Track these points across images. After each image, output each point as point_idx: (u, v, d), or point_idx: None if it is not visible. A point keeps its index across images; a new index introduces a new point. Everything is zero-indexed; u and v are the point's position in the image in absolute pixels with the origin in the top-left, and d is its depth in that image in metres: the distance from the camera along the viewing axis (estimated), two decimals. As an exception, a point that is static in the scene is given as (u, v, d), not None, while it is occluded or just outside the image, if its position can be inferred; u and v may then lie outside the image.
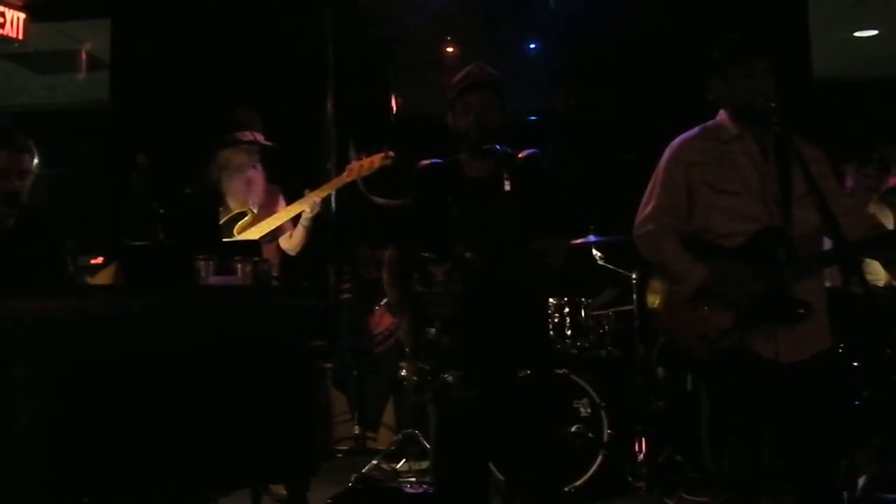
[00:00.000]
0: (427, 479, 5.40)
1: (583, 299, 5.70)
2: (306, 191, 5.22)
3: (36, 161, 4.19)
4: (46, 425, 2.94)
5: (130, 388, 3.07)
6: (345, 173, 5.23)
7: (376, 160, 5.14)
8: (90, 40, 8.30)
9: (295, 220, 5.29)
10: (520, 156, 3.43)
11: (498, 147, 3.38)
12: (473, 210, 3.33)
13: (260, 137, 5.32)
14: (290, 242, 5.34)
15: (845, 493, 3.47)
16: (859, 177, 5.41)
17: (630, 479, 5.22)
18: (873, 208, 5.12)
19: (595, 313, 5.76)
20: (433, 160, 3.57)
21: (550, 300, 5.46)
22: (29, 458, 2.92)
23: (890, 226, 4.89)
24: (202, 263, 3.40)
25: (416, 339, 3.33)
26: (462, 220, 3.33)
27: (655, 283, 3.55)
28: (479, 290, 3.20)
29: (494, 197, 3.26)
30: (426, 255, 3.30)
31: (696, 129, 3.53)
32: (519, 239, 3.28)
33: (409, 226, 3.53)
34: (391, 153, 5.13)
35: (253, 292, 3.48)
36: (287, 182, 5.48)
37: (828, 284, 3.45)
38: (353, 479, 5.19)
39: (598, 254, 5.68)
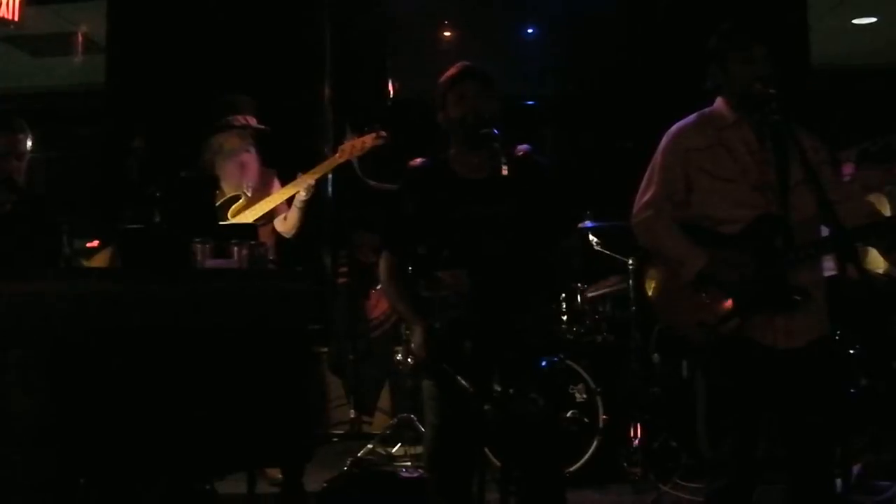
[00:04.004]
0: (422, 463, 5.41)
1: (579, 285, 5.70)
2: (299, 174, 5.22)
3: (31, 142, 4.19)
4: (41, 407, 2.94)
5: (126, 371, 3.07)
6: (337, 154, 5.23)
7: (368, 140, 5.13)
8: (86, 23, 8.26)
9: (290, 202, 5.29)
10: (517, 153, 3.40)
11: (496, 132, 3.35)
12: (473, 212, 3.32)
13: (252, 121, 5.32)
14: (286, 225, 5.34)
15: (840, 480, 3.48)
16: (860, 174, 5.34)
17: (625, 464, 5.24)
18: (871, 197, 5.11)
19: (591, 295, 5.76)
20: (422, 160, 3.55)
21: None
22: (24, 440, 2.92)
23: (887, 213, 4.89)
24: (198, 247, 3.40)
25: (433, 349, 3.31)
26: (462, 222, 3.32)
27: (653, 270, 3.55)
28: (488, 290, 3.21)
29: (492, 197, 3.24)
30: (425, 250, 3.30)
31: (692, 117, 3.52)
32: (523, 237, 3.27)
33: (406, 228, 3.51)
34: (383, 133, 5.12)
35: (249, 276, 3.48)
36: (285, 167, 5.48)
37: (828, 275, 3.45)
38: (348, 463, 5.20)
39: (596, 240, 5.68)
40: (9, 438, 2.92)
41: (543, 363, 3.34)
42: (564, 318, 5.63)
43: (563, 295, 5.61)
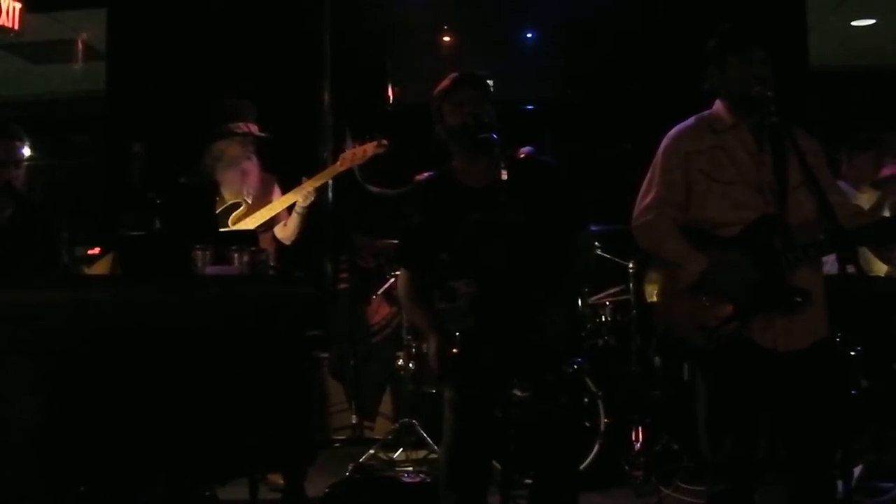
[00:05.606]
0: (424, 468, 5.41)
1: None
2: (304, 179, 5.22)
3: (27, 149, 4.21)
4: (42, 414, 2.94)
5: (126, 378, 3.07)
6: (338, 162, 5.23)
7: (369, 148, 5.13)
8: (86, 30, 8.28)
9: (290, 208, 5.29)
10: (521, 156, 3.42)
11: (494, 136, 3.36)
12: (476, 219, 3.33)
13: (254, 128, 5.32)
14: (285, 231, 5.34)
15: (840, 482, 3.48)
16: (851, 166, 5.39)
17: (626, 467, 5.23)
18: (866, 193, 5.12)
19: (592, 301, 5.77)
20: (428, 174, 3.56)
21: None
22: (24, 447, 2.92)
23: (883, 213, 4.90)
24: (199, 253, 3.40)
25: (445, 362, 3.32)
26: (467, 230, 3.33)
27: (653, 273, 3.56)
28: (493, 294, 3.22)
29: (494, 203, 3.25)
30: (443, 261, 3.33)
31: (691, 120, 3.52)
32: (529, 239, 3.28)
33: (419, 244, 3.52)
34: (384, 141, 5.13)
35: (250, 282, 3.48)
36: (284, 172, 5.48)
37: (827, 271, 3.45)
38: (350, 468, 5.19)
39: (596, 243, 5.66)
40: (9, 443, 2.92)
41: (566, 364, 3.36)
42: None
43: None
